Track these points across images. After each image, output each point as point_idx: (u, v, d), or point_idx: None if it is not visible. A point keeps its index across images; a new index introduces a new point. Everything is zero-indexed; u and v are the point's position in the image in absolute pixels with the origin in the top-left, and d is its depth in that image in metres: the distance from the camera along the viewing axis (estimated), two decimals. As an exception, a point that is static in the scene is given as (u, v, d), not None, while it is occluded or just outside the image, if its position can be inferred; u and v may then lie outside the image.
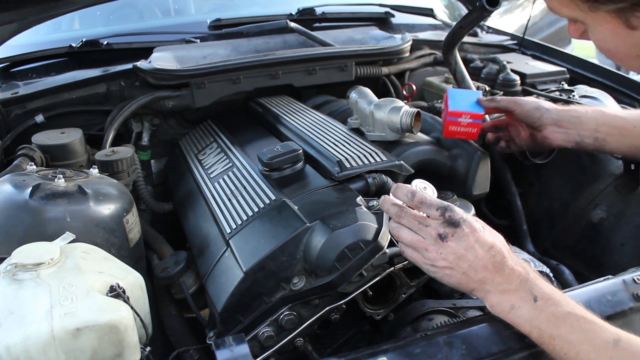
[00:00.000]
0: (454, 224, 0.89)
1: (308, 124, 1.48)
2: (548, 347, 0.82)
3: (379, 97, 1.44)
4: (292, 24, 1.95)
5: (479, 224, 0.91)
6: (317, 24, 2.19)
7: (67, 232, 0.98)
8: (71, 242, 0.96)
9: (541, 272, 1.23)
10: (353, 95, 1.48)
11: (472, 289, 0.90)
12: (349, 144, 1.30)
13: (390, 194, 0.99)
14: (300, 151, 1.24)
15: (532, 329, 0.83)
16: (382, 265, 1.05)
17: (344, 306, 1.05)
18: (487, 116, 1.46)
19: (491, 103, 1.33)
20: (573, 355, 0.79)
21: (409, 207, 0.95)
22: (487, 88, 1.81)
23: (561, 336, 0.80)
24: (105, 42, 1.92)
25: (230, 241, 1.11)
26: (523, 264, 0.89)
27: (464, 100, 1.36)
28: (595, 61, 2.11)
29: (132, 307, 0.87)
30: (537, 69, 1.98)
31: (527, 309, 0.84)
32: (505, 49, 2.27)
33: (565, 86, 1.81)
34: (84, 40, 1.91)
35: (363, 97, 1.44)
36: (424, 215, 0.93)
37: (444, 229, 0.90)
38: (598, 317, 0.81)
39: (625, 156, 1.37)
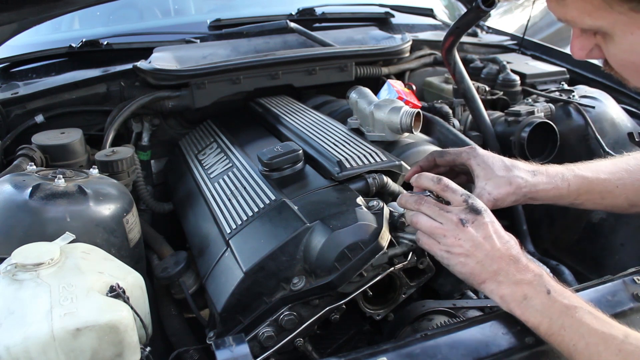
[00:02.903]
0: (476, 211, 0.91)
1: (308, 124, 1.48)
2: (557, 339, 0.82)
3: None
4: (292, 24, 1.95)
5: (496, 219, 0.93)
6: (317, 24, 2.19)
7: (67, 232, 0.98)
8: (71, 242, 0.96)
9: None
10: (353, 95, 1.48)
11: (484, 280, 0.89)
12: (349, 144, 1.30)
13: (413, 183, 1.02)
14: (300, 151, 1.24)
15: (543, 319, 0.83)
16: (382, 265, 1.05)
17: (344, 306, 1.05)
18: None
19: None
20: (582, 346, 0.79)
21: (433, 191, 0.98)
22: (487, 88, 1.82)
23: (572, 327, 0.81)
24: (105, 42, 1.92)
25: (230, 241, 1.11)
26: (536, 264, 0.91)
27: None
28: (595, 61, 2.11)
29: (132, 307, 0.87)
30: (537, 69, 1.98)
31: (540, 300, 0.85)
32: (505, 49, 2.27)
33: (565, 86, 1.81)
34: (84, 40, 1.91)
35: (363, 97, 1.44)
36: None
37: (466, 214, 0.91)
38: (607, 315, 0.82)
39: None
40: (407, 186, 1.17)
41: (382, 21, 2.28)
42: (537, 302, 0.85)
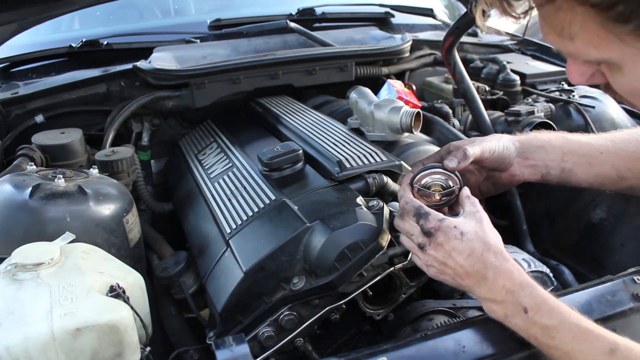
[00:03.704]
0: (427, 233, 0.90)
1: (308, 124, 1.48)
2: (547, 355, 0.82)
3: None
4: (292, 24, 1.95)
5: (457, 231, 0.88)
6: (317, 24, 2.19)
7: (67, 232, 0.98)
8: (71, 242, 0.96)
9: (541, 272, 1.23)
10: (353, 95, 1.48)
11: (467, 291, 0.92)
12: (349, 144, 1.30)
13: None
14: (300, 151, 1.24)
15: (530, 337, 0.83)
16: (382, 265, 1.05)
17: (344, 306, 1.05)
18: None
19: (465, 159, 1.00)
20: None
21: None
22: (487, 88, 1.82)
23: (557, 347, 0.80)
24: (105, 42, 1.92)
25: (230, 241, 1.11)
26: (507, 270, 0.85)
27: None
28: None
29: (132, 307, 0.87)
30: (537, 69, 1.98)
31: (520, 320, 0.83)
32: (505, 49, 2.27)
33: (565, 86, 1.81)
34: (84, 40, 1.91)
35: (363, 97, 1.44)
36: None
37: (422, 238, 0.91)
38: (594, 322, 0.80)
39: (591, 187, 1.17)
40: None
41: (382, 21, 2.28)
42: (518, 321, 0.84)
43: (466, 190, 0.97)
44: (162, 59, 1.76)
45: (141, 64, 1.69)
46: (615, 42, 0.61)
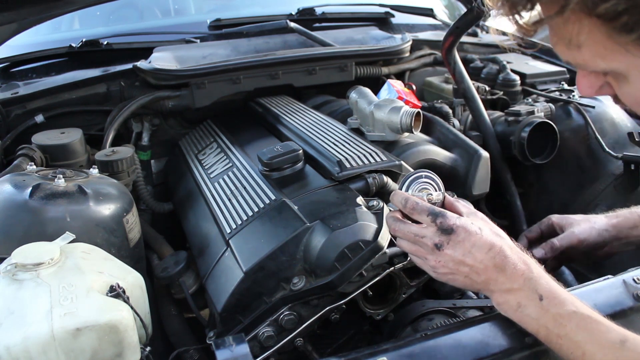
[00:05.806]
0: (447, 231, 0.89)
1: (308, 124, 1.48)
2: (555, 346, 0.82)
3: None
4: (292, 24, 1.95)
5: (476, 226, 0.89)
6: (317, 24, 2.19)
7: (67, 232, 0.98)
8: (71, 242, 0.96)
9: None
10: (353, 95, 1.48)
11: (478, 289, 0.91)
12: (349, 144, 1.30)
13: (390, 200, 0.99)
14: (300, 151, 1.24)
15: (540, 327, 0.83)
16: (382, 265, 1.05)
17: (344, 306, 1.05)
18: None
19: (552, 252, 1.16)
20: (579, 355, 0.79)
21: (404, 213, 0.95)
22: (487, 88, 1.82)
23: (567, 336, 0.80)
24: (105, 42, 1.92)
25: (230, 241, 1.11)
26: (526, 260, 0.88)
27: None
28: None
29: (132, 307, 0.87)
30: (537, 69, 1.98)
31: (533, 308, 0.84)
32: (505, 49, 2.27)
33: (565, 86, 1.81)
34: (84, 40, 1.91)
35: (363, 97, 1.44)
36: (419, 224, 0.92)
37: (439, 237, 0.89)
38: (603, 316, 0.81)
39: None
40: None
41: (382, 21, 2.28)
42: (531, 310, 0.84)
43: (449, 197, 0.98)
44: (162, 59, 1.76)
45: (141, 64, 1.69)
46: (620, 52, 0.64)
